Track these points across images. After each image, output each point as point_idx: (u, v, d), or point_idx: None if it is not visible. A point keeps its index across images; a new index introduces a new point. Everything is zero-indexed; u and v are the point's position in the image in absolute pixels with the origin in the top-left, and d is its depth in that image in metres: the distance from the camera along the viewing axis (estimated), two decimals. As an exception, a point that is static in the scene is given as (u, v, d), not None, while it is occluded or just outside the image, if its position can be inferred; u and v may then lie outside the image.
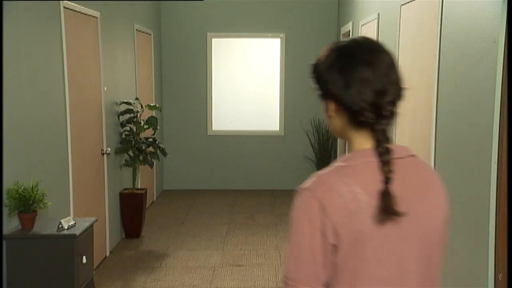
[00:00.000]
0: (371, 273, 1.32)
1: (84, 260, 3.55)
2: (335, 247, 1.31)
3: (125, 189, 6.10)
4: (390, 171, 1.31)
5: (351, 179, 1.32)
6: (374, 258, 1.31)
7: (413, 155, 1.41)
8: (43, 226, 3.53)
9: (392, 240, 1.32)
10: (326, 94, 1.39)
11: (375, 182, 1.31)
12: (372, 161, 1.33)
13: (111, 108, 5.62)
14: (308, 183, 1.38)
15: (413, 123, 3.92)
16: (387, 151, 1.34)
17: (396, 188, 1.31)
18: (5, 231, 3.39)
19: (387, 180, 1.30)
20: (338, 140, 7.96)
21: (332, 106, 1.39)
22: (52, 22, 4.15)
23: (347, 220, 1.29)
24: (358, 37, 1.44)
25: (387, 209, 1.29)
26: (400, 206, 1.30)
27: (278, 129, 8.53)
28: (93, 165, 5.07)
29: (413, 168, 1.39)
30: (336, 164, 1.38)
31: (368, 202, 1.29)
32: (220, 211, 7.29)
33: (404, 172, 1.35)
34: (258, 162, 8.45)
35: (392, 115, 1.38)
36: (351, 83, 1.34)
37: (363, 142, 1.38)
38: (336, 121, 1.41)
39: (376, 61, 1.35)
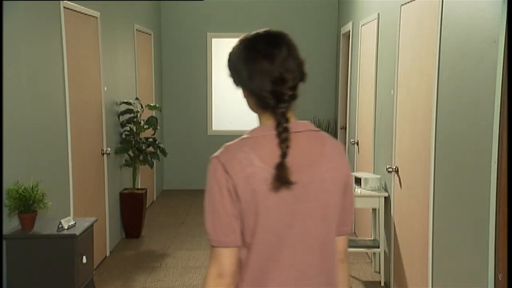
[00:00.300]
0: (266, 227, 1.54)
1: (84, 260, 3.55)
2: (238, 204, 1.55)
3: (125, 189, 6.10)
4: (286, 147, 1.53)
5: (250, 148, 1.56)
6: (269, 214, 1.54)
7: (313, 130, 1.64)
8: (43, 226, 3.53)
9: (285, 201, 1.55)
10: (237, 82, 1.65)
11: (272, 152, 1.54)
12: (270, 135, 1.56)
13: (111, 108, 5.62)
14: (217, 152, 1.62)
15: (413, 123, 3.92)
16: (285, 130, 1.54)
17: (290, 159, 1.53)
18: (5, 231, 3.39)
19: (283, 155, 1.52)
20: (338, 140, 7.96)
21: (244, 92, 1.65)
22: (52, 22, 4.15)
23: (244, 181, 1.53)
24: (262, 30, 1.64)
25: (281, 178, 1.52)
26: (293, 175, 1.53)
27: (278, 129, 8.53)
28: (93, 165, 5.07)
29: (309, 141, 1.61)
30: (243, 136, 1.61)
31: (262, 167, 1.53)
32: (220, 211, 7.28)
33: (299, 145, 1.57)
34: (258, 162, 8.44)
35: (292, 98, 1.59)
36: (253, 74, 1.57)
37: (268, 119, 1.60)
38: (249, 103, 1.66)
39: (274, 54, 1.57)
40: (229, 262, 1.55)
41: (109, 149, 5.40)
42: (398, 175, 4.31)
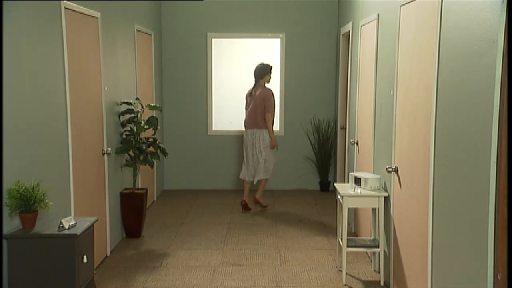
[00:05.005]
0: (248, 107, 7.21)
1: (85, 259, 3.56)
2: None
3: (126, 189, 6.11)
4: (252, 90, 7.22)
5: (251, 88, 7.33)
6: (248, 104, 7.23)
7: (262, 87, 7.14)
8: (44, 226, 3.54)
9: (251, 100, 7.15)
10: (270, 72, 7.28)
11: (251, 90, 7.25)
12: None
13: (111, 108, 5.63)
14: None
15: (413, 123, 3.93)
16: (254, 86, 7.19)
17: (253, 91, 7.17)
18: (6, 230, 3.40)
19: (252, 90, 7.20)
20: (338, 140, 7.99)
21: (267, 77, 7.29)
22: (53, 22, 4.16)
23: (247, 97, 7.32)
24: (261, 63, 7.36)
25: (250, 94, 7.21)
26: (252, 95, 7.16)
27: (278, 129, 8.53)
28: (94, 165, 5.08)
29: (258, 89, 7.13)
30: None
31: (248, 93, 7.26)
32: (220, 211, 7.30)
33: (256, 90, 7.14)
34: (258, 162, 8.45)
35: (257, 80, 7.21)
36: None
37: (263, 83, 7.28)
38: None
39: (257, 68, 7.30)
40: None
41: (109, 149, 5.41)
42: (397, 175, 4.32)
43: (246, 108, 7.23)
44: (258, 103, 7.02)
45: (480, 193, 2.70)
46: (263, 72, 7.14)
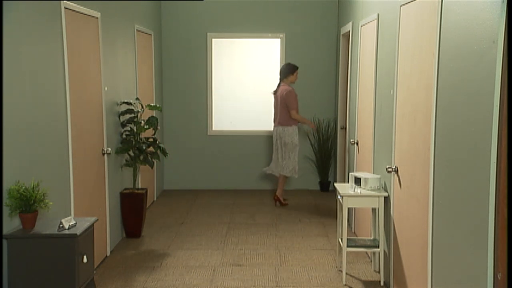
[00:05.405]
0: (274, 105, 7.64)
1: (85, 259, 3.56)
2: None
3: (126, 189, 6.11)
4: (276, 89, 7.50)
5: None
6: (274, 101, 7.63)
7: (284, 86, 7.36)
8: (44, 226, 3.54)
9: (275, 99, 7.49)
10: (294, 72, 7.46)
11: (276, 89, 7.56)
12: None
13: (111, 108, 5.63)
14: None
15: (413, 123, 3.93)
16: (278, 85, 7.48)
17: (277, 90, 7.46)
18: (6, 230, 3.40)
19: (276, 89, 7.44)
20: (338, 140, 7.99)
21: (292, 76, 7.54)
22: (53, 22, 4.16)
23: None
24: (286, 63, 7.68)
25: (274, 92, 7.55)
26: (276, 93, 7.45)
27: (278, 129, 8.53)
28: (94, 165, 5.08)
29: (281, 89, 7.37)
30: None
31: (273, 92, 7.61)
32: (220, 211, 7.30)
33: (279, 89, 7.40)
34: (258, 162, 8.46)
35: (281, 79, 7.47)
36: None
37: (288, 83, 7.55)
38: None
39: (282, 68, 7.68)
40: None
41: (109, 149, 5.41)
42: (397, 175, 4.32)
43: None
44: (280, 102, 7.32)
45: (480, 193, 2.70)
46: (287, 71, 7.38)
